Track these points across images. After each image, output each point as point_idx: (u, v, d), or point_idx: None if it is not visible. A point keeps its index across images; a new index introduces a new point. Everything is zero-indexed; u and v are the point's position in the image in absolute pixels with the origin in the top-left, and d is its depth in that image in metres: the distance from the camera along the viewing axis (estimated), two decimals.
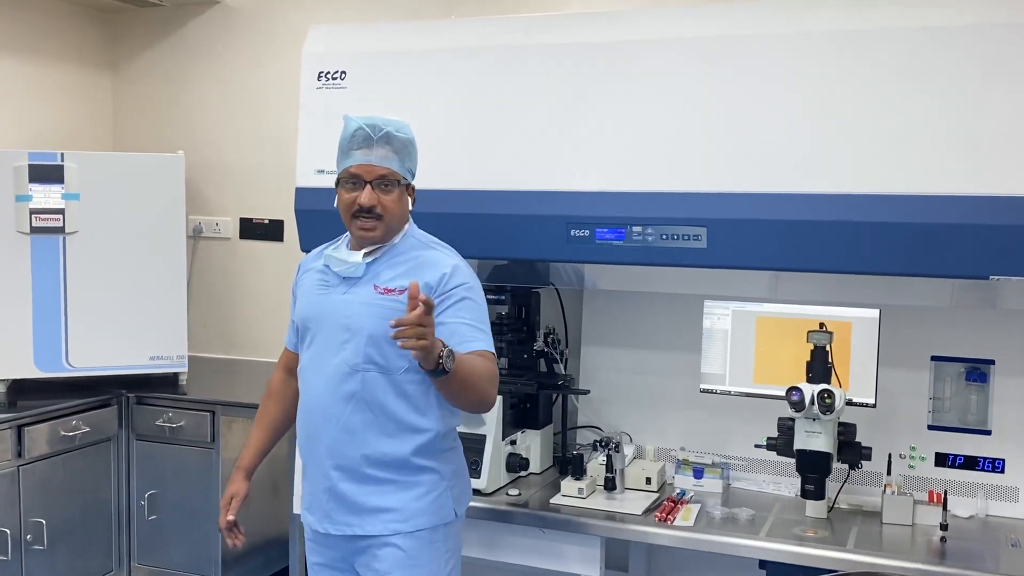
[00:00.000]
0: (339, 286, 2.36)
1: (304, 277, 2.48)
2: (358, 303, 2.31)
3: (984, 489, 2.90)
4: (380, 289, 2.31)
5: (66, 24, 4.52)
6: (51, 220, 3.80)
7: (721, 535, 2.67)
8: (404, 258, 2.36)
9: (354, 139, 2.31)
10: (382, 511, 2.31)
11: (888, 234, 2.51)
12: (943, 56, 2.47)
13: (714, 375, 3.02)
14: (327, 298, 2.36)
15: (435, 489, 2.35)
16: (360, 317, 2.29)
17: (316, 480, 2.37)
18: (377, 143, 2.29)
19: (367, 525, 2.32)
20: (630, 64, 2.77)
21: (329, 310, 2.35)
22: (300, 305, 2.46)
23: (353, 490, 2.32)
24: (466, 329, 2.28)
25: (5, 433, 3.44)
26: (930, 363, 2.97)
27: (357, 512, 2.32)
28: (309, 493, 2.41)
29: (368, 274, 2.34)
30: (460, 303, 2.30)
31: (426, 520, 2.33)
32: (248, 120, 4.48)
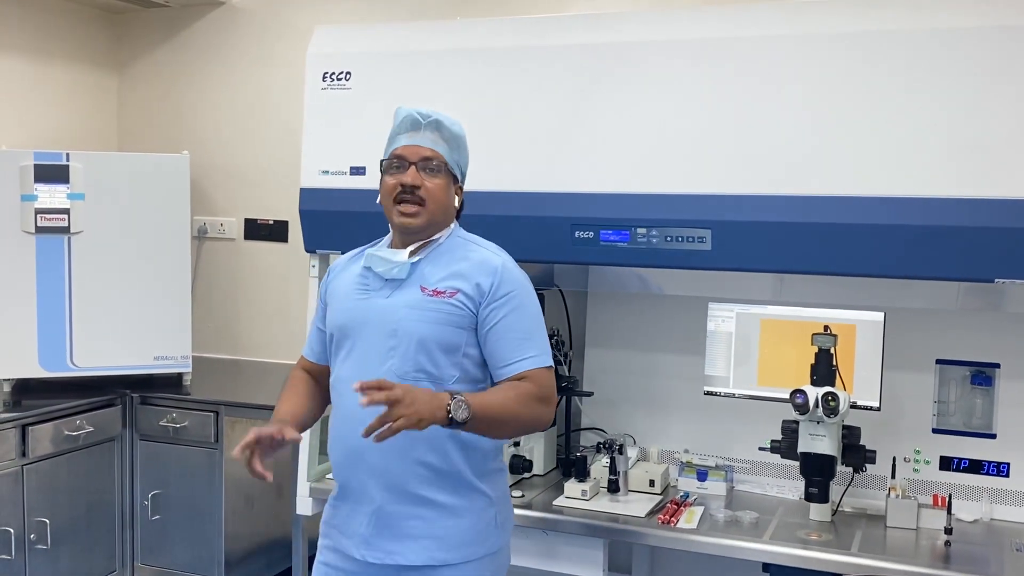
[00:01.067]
0: (381, 289, 2.19)
1: (337, 282, 2.30)
2: (404, 307, 2.14)
3: (989, 493, 2.89)
4: (428, 291, 2.14)
5: (72, 24, 4.53)
6: (56, 220, 3.80)
7: (724, 538, 2.66)
8: (450, 258, 2.19)
9: (402, 125, 2.19)
10: (428, 538, 2.12)
11: (893, 237, 2.50)
12: (948, 58, 2.47)
13: (718, 377, 3.02)
14: (368, 302, 2.18)
15: (484, 515, 2.19)
16: (407, 321, 2.12)
17: (357, 501, 2.17)
18: (425, 127, 2.17)
19: (410, 554, 2.12)
20: (634, 66, 2.77)
21: (371, 315, 2.16)
22: (335, 311, 2.25)
23: (400, 512, 2.13)
24: (513, 343, 2.14)
25: (9, 432, 3.45)
26: (935, 366, 2.96)
27: (400, 538, 2.13)
28: (345, 515, 2.20)
29: (413, 275, 2.17)
30: (512, 312, 2.14)
31: (474, 550, 2.16)
32: (253, 121, 4.48)
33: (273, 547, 4.03)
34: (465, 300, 2.14)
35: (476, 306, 2.14)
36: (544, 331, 2.22)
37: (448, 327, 2.13)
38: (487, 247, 2.25)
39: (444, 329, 2.12)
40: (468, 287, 2.15)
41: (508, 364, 2.13)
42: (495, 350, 2.14)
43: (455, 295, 2.14)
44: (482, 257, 2.20)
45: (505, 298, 2.15)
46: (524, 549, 2.83)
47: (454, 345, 2.14)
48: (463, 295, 2.14)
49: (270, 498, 4.00)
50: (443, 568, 2.13)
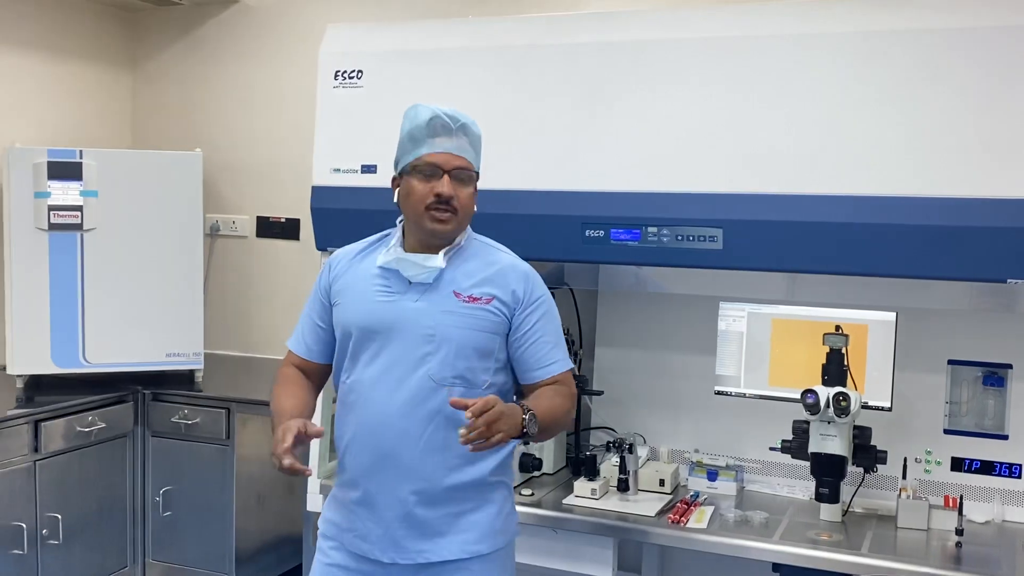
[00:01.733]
0: (408, 293, 2.16)
1: (347, 279, 2.25)
2: (440, 312, 2.13)
3: (1000, 494, 2.87)
4: (463, 297, 2.14)
5: (87, 22, 4.55)
6: (69, 217, 3.82)
7: (734, 538, 2.66)
8: (476, 263, 2.20)
9: (431, 127, 2.12)
10: (459, 532, 2.15)
11: (905, 236, 2.50)
12: (960, 57, 2.46)
13: (729, 377, 3.02)
14: (396, 305, 2.15)
15: (506, 504, 2.24)
16: (446, 327, 2.12)
17: (384, 507, 2.14)
18: (456, 133, 2.14)
19: (443, 550, 2.14)
20: (645, 64, 2.76)
21: (403, 319, 2.13)
22: (352, 312, 2.20)
23: (431, 514, 2.13)
24: (546, 347, 2.19)
25: (22, 428, 3.47)
26: (947, 367, 2.95)
27: (431, 536, 2.14)
28: (369, 520, 2.17)
29: (441, 280, 2.16)
30: (543, 318, 2.20)
31: (502, 539, 2.21)
32: (266, 119, 4.50)
33: (284, 543, 4.05)
34: (501, 307, 2.17)
35: (511, 312, 2.18)
36: (563, 334, 2.28)
37: (485, 333, 2.16)
38: (505, 251, 2.28)
39: (481, 335, 2.15)
40: (503, 294, 2.17)
41: (541, 368, 2.19)
42: (528, 354, 2.19)
43: (491, 302, 2.16)
44: (508, 262, 2.23)
45: (537, 303, 2.20)
46: (534, 548, 2.84)
47: (489, 350, 2.17)
48: (499, 301, 2.17)
49: (281, 495, 4.01)
50: (473, 560, 2.16)
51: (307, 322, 2.33)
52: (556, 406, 2.16)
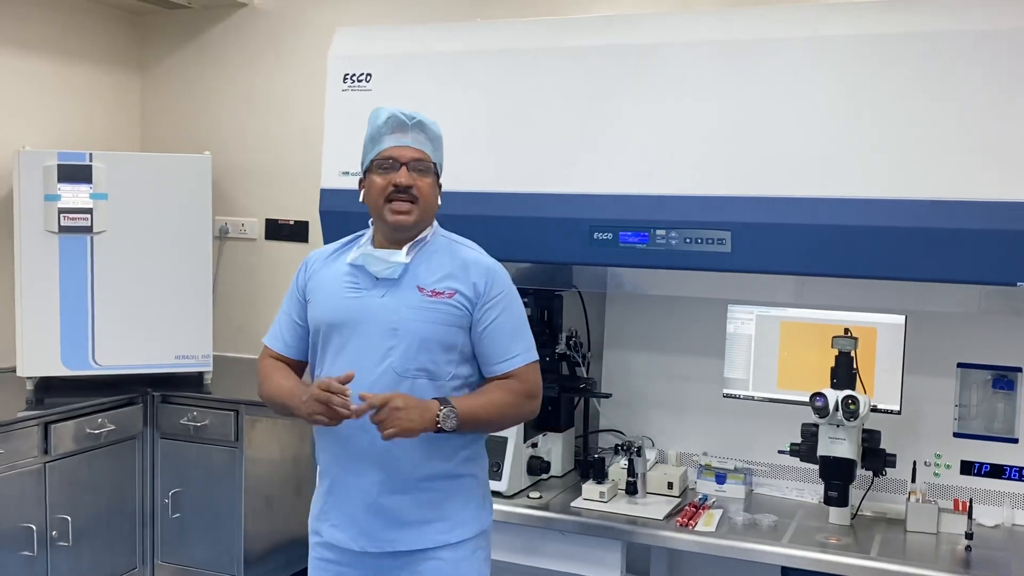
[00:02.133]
0: (374, 288, 2.24)
1: (319, 277, 2.34)
2: (404, 307, 2.21)
3: (1010, 498, 2.86)
4: (427, 292, 2.22)
5: (95, 25, 4.56)
6: (79, 219, 3.84)
7: (743, 541, 2.65)
8: (440, 259, 2.27)
9: (387, 125, 2.24)
10: (427, 523, 2.22)
11: (915, 239, 2.49)
12: (969, 60, 2.45)
13: (737, 380, 3.01)
14: (362, 301, 2.23)
15: (475, 495, 2.30)
16: (409, 321, 2.19)
17: (352, 496, 2.23)
18: (411, 128, 2.24)
19: (410, 539, 2.22)
20: (654, 67, 2.76)
21: (368, 314, 2.21)
22: (322, 308, 2.30)
23: (398, 503, 2.21)
24: (505, 342, 2.25)
25: (32, 430, 3.48)
26: (956, 370, 2.94)
27: (400, 526, 2.22)
28: (339, 510, 2.27)
29: (406, 275, 2.24)
30: (503, 312, 2.26)
31: (470, 529, 2.27)
32: (274, 122, 4.50)
33: (292, 545, 4.04)
34: (463, 301, 2.24)
35: (472, 306, 2.24)
36: (529, 328, 2.33)
37: (448, 327, 2.22)
38: (472, 247, 2.34)
39: (445, 329, 2.22)
40: (465, 288, 2.24)
41: (499, 362, 2.26)
42: (487, 349, 2.26)
43: (453, 296, 2.23)
44: (472, 258, 2.30)
45: (497, 298, 2.26)
46: (542, 550, 2.84)
47: (452, 344, 2.23)
48: (461, 296, 2.24)
49: (289, 496, 4.02)
50: (442, 549, 2.23)
51: (284, 319, 2.41)
52: (493, 400, 2.23)
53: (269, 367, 2.40)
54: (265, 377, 2.39)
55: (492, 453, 2.91)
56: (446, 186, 2.45)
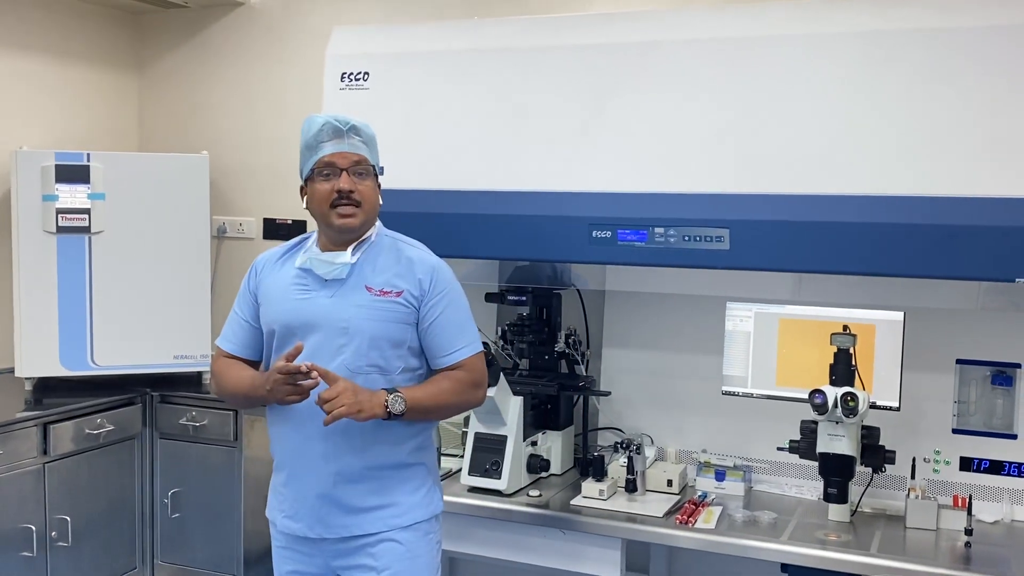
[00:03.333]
0: (322, 290, 2.32)
1: (269, 280, 2.41)
2: (353, 306, 2.29)
3: (1010, 494, 2.87)
4: (375, 291, 2.31)
5: (92, 25, 4.56)
6: (77, 220, 3.83)
7: (742, 538, 2.66)
8: (387, 258, 2.36)
9: (322, 132, 2.30)
10: (379, 508, 2.32)
11: (913, 236, 2.49)
12: (966, 56, 2.45)
13: (736, 377, 3.01)
14: (312, 303, 2.32)
15: (425, 483, 2.40)
16: (359, 320, 2.28)
17: (306, 486, 2.33)
18: (347, 133, 2.31)
19: (365, 524, 2.32)
20: (652, 65, 2.77)
21: (319, 314, 2.30)
22: (275, 310, 2.37)
23: (350, 492, 2.31)
24: (450, 336, 2.35)
25: (31, 431, 3.48)
26: (955, 366, 2.94)
27: (354, 513, 2.32)
28: (293, 500, 2.36)
29: (353, 276, 2.32)
30: (448, 307, 2.35)
31: (421, 513, 2.37)
32: (272, 121, 4.50)
33: None
34: (409, 298, 2.33)
35: (419, 303, 2.33)
36: (472, 320, 2.42)
37: (396, 324, 2.31)
38: (416, 245, 2.43)
39: (393, 326, 2.31)
40: (411, 286, 2.33)
41: (446, 355, 2.35)
42: (433, 343, 2.35)
43: (401, 294, 2.32)
44: (417, 256, 2.38)
45: (441, 294, 2.35)
46: (541, 548, 2.84)
47: (401, 340, 2.33)
48: (408, 294, 2.33)
49: None
50: (395, 531, 2.33)
51: (236, 320, 2.48)
52: (440, 389, 2.33)
53: (223, 365, 2.47)
54: (221, 374, 2.46)
55: (491, 451, 2.92)
56: (444, 185, 2.46)
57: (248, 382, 2.38)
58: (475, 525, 2.90)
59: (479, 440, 2.97)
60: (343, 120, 2.32)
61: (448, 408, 2.43)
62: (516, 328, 3.25)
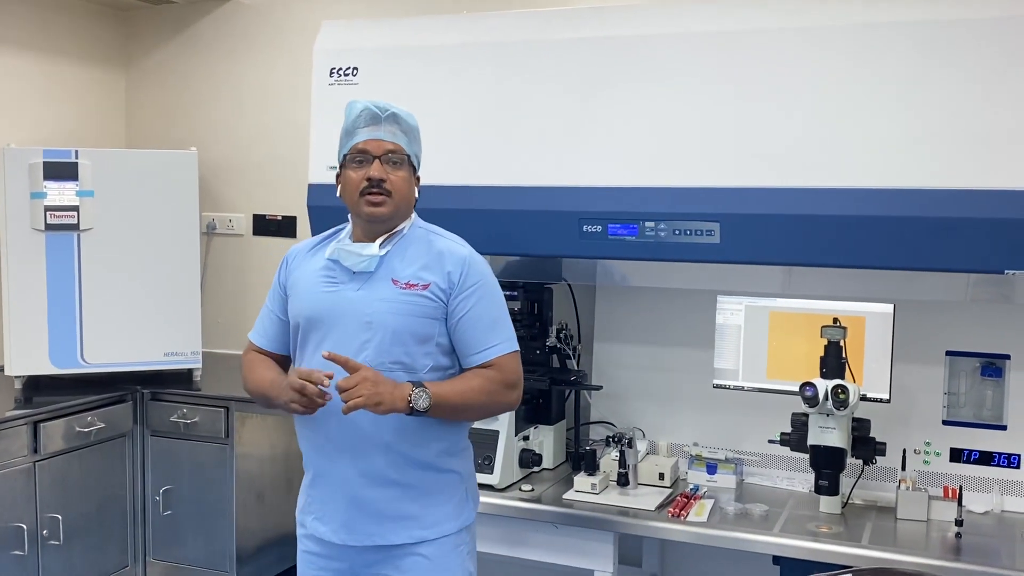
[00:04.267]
0: (350, 283, 2.23)
1: (299, 272, 2.34)
2: (377, 300, 2.20)
3: (1000, 484, 2.88)
4: (401, 284, 2.21)
5: (80, 22, 4.53)
6: (66, 217, 3.82)
7: (734, 531, 2.66)
8: (416, 250, 2.26)
9: (360, 118, 2.22)
10: (406, 518, 2.22)
11: (902, 228, 2.50)
12: (956, 49, 2.46)
13: (727, 370, 3.02)
14: (338, 295, 2.23)
15: (457, 492, 2.29)
16: (383, 314, 2.18)
17: (334, 488, 2.24)
18: (385, 121, 2.22)
19: (390, 534, 2.21)
20: (642, 59, 2.76)
21: (343, 307, 2.21)
22: (300, 303, 2.30)
23: (377, 496, 2.20)
24: (482, 332, 2.23)
25: (21, 429, 3.46)
26: (945, 358, 2.95)
27: (380, 520, 2.21)
28: (321, 502, 2.28)
29: (381, 269, 2.23)
30: (480, 301, 2.23)
31: (450, 525, 2.26)
32: (261, 117, 4.49)
33: (284, 541, 4.03)
34: (437, 292, 2.22)
35: (447, 296, 2.22)
36: (508, 317, 2.30)
37: (422, 319, 2.20)
38: (450, 237, 2.32)
39: (418, 321, 2.20)
40: (439, 278, 2.22)
41: (477, 352, 2.23)
42: (464, 339, 2.23)
43: (427, 287, 2.21)
44: (448, 248, 2.27)
45: (473, 288, 2.23)
46: (534, 543, 2.84)
47: (427, 336, 2.22)
48: (435, 287, 2.22)
49: (281, 492, 4.01)
50: (422, 545, 2.22)
51: (267, 315, 2.42)
52: (469, 387, 2.20)
53: (252, 360, 2.41)
54: (248, 370, 2.39)
55: (483, 446, 2.91)
56: (435, 180, 2.44)
57: (268, 382, 2.30)
58: None
59: (471, 435, 2.95)
60: (383, 107, 2.22)
61: (477, 408, 2.27)
62: None
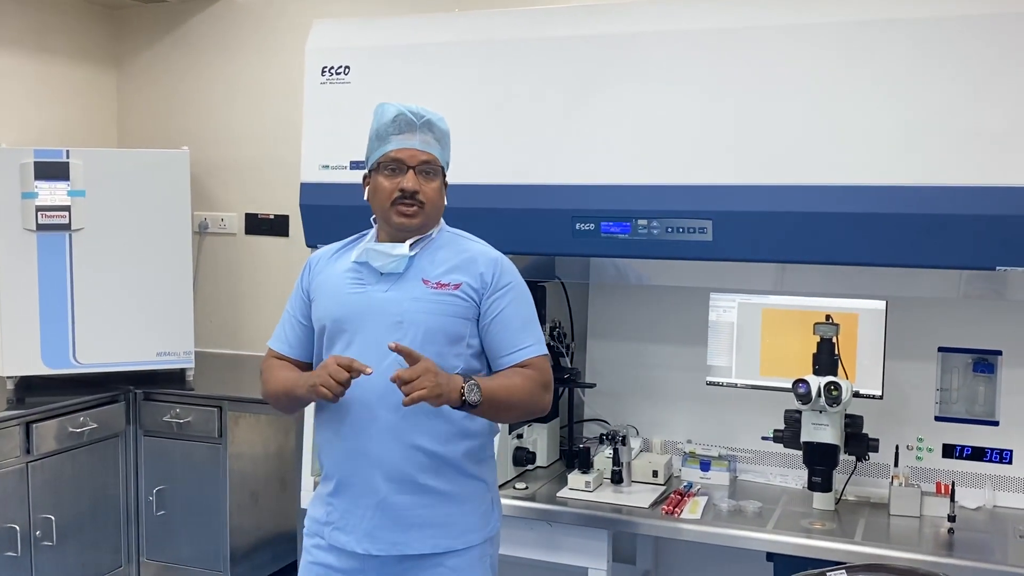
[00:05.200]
0: (378, 284, 2.18)
1: (324, 276, 2.27)
2: (408, 299, 2.15)
3: (992, 480, 2.89)
4: (432, 284, 2.16)
5: (71, 21, 4.52)
6: (57, 217, 3.81)
7: (728, 528, 2.67)
8: (446, 252, 2.22)
9: (395, 124, 2.17)
10: (433, 526, 2.15)
11: (894, 225, 2.50)
12: (948, 46, 2.46)
13: (720, 368, 3.02)
14: (367, 296, 2.17)
15: (483, 501, 2.24)
16: (414, 313, 2.14)
17: (359, 495, 2.16)
18: (420, 129, 2.18)
19: (415, 543, 2.15)
20: (634, 57, 2.76)
21: (373, 308, 2.16)
22: (326, 305, 2.23)
23: (404, 503, 2.14)
24: (515, 333, 2.19)
25: (14, 430, 3.46)
26: (937, 354, 2.96)
27: (405, 528, 2.14)
28: (344, 511, 2.18)
29: (411, 270, 2.19)
30: (512, 302, 2.20)
31: (477, 536, 2.21)
32: (253, 116, 4.48)
33: (278, 541, 4.04)
34: (469, 291, 2.17)
35: (479, 296, 2.18)
36: (537, 320, 2.27)
37: (454, 318, 2.16)
38: (478, 241, 2.29)
39: (450, 320, 2.15)
40: (471, 279, 2.18)
41: (510, 353, 2.18)
42: (496, 339, 2.19)
43: (459, 287, 2.17)
44: (479, 250, 2.25)
45: (505, 288, 2.20)
46: (528, 541, 2.84)
47: (459, 336, 2.17)
48: (467, 286, 2.17)
49: (274, 492, 4.01)
50: (447, 555, 2.16)
51: (289, 320, 2.33)
52: (513, 384, 2.15)
53: (272, 365, 2.32)
54: (268, 376, 2.31)
55: None
56: None
57: (292, 380, 2.21)
58: None
59: None
60: (418, 113, 2.18)
61: (518, 407, 2.21)
62: None
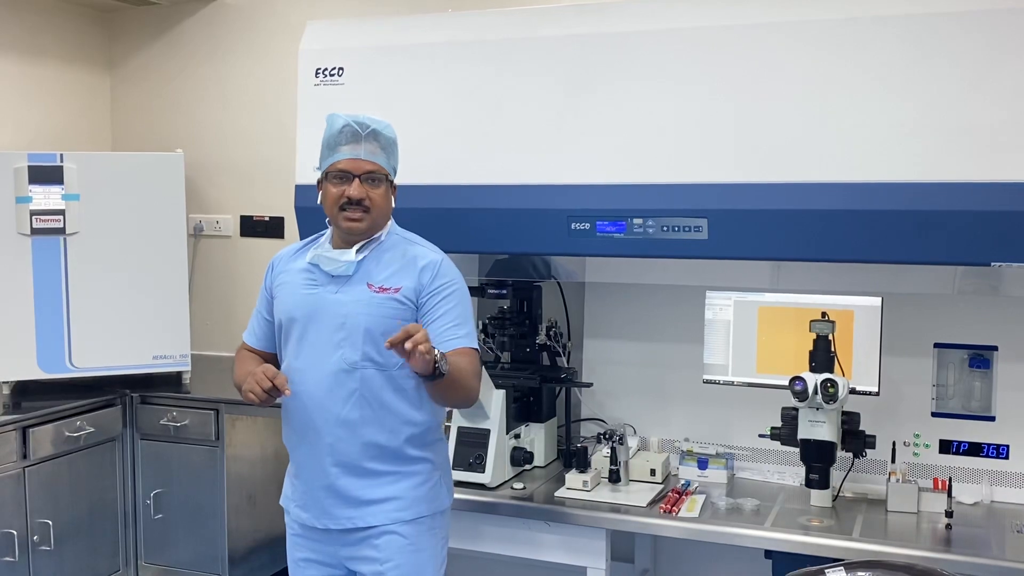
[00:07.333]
0: (328, 285, 2.39)
1: (284, 275, 2.50)
2: (352, 301, 2.35)
3: (989, 475, 2.90)
4: (375, 288, 2.36)
5: (63, 23, 4.51)
6: (51, 221, 3.79)
7: (726, 526, 2.67)
8: (391, 256, 2.41)
9: (341, 135, 2.35)
10: (382, 501, 2.36)
11: (889, 222, 2.51)
12: (943, 43, 2.46)
13: (717, 366, 3.03)
14: (317, 297, 2.39)
15: (430, 478, 2.43)
16: (356, 315, 2.34)
17: (312, 478, 2.40)
18: (365, 139, 2.35)
19: (368, 517, 2.37)
20: (629, 56, 2.76)
21: (321, 309, 2.37)
22: (284, 303, 2.46)
23: (352, 484, 2.36)
24: (448, 325, 2.35)
25: (10, 435, 3.44)
26: (933, 350, 2.97)
27: (356, 505, 2.37)
28: (303, 492, 2.44)
29: (358, 272, 2.38)
30: (447, 300, 2.37)
31: (425, 507, 2.40)
32: (247, 117, 4.47)
33: (276, 543, 4.00)
34: (409, 294, 2.37)
35: (417, 298, 2.37)
36: (472, 321, 2.43)
37: (393, 320, 2.33)
38: (424, 244, 2.47)
39: (389, 322, 2.32)
40: (411, 282, 2.37)
41: (444, 341, 2.31)
42: (433, 331, 2.32)
43: (399, 291, 2.36)
44: (421, 254, 2.42)
45: (441, 288, 2.38)
46: (527, 540, 2.85)
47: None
48: (407, 290, 2.37)
49: (272, 494, 3.97)
50: (398, 525, 2.37)
51: (256, 316, 2.60)
52: (463, 364, 2.30)
53: (242, 357, 2.59)
54: (236, 367, 2.57)
55: (475, 445, 2.92)
56: (422, 180, 2.46)
57: (244, 375, 2.42)
58: (460, 519, 2.89)
59: (462, 434, 2.97)
60: (363, 123, 2.36)
61: (464, 388, 2.34)
62: (497, 321, 3.26)
